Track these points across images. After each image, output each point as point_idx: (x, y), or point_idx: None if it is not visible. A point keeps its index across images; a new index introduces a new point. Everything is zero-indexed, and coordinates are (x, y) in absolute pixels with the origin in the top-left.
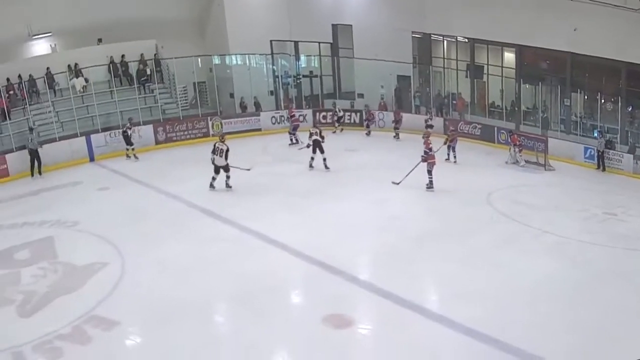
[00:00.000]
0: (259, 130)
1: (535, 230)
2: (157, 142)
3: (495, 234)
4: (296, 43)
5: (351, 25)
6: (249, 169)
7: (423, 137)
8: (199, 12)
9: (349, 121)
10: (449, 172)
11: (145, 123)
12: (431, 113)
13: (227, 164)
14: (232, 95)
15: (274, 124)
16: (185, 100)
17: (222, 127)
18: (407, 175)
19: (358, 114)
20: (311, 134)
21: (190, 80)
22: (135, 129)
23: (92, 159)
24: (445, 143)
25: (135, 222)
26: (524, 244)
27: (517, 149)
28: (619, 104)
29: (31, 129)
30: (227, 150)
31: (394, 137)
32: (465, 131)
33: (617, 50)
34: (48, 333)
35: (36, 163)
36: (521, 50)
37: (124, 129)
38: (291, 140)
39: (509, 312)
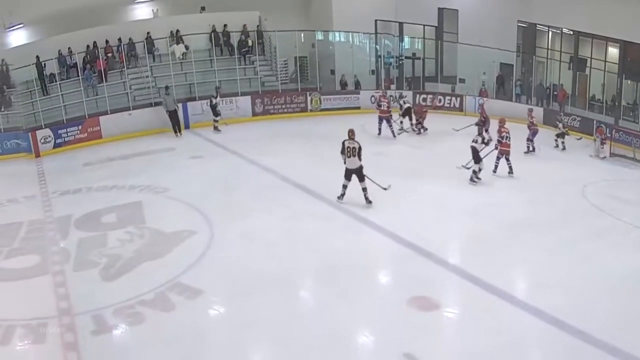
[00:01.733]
0: (358, 108)
1: (627, 225)
2: (254, 114)
3: (587, 227)
4: (401, 24)
5: (457, 10)
6: (386, 188)
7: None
8: None
9: (448, 105)
10: (545, 163)
11: (243, 94)
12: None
13: (362, 168)
14: (332, 72)
15: (372, 103)
16: (286, 74)
17: (320, 103)
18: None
19: (458, 98)
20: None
21: (291, 54)
22: (220, 99)
23: (187, 127)
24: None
25: (226, 193)
26: (614, 238)
27: (600, 142)
28: None
29: (167, 88)
30: (360, 149)
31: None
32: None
33: None
34: (130, 298)
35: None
36: (625, 46)
37: (210, 98)
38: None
39: (594, 304)
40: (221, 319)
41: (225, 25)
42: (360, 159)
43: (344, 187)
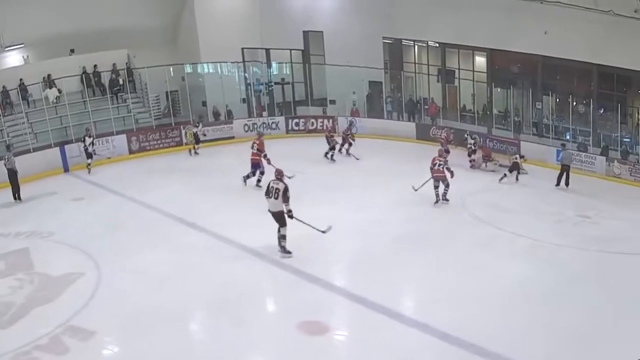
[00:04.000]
0: (232, 138)
1: (509, 234)
2: (131, 152)
3: (470, 239)
4: (267, 50)
5: (322, 32)
6: (324, 231)
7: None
8: (171, 20)
9: (321, 127)
10: (422, 177)
11: (118, 133)
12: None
13: (284, 212)
14: (204, 104)
15: (246, 131)
16: (158, 109)
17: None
18: (424, 184)
19: (330, 120)
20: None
21: (162, 89)
22: (87, 139)
23: (66, 170)
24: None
25: (111, 232)
26: (498, 248)
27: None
28: (591, 106)
29: (8, 147)
30: (286, 190)
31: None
32: (438, 135)
33: (588, 52)
34: (26, 344)
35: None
36: (492, 54)
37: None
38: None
39: (484, 316)
40: (116, 357)
41: (95, 66)
42: (285, 202)
43: (279, 232)
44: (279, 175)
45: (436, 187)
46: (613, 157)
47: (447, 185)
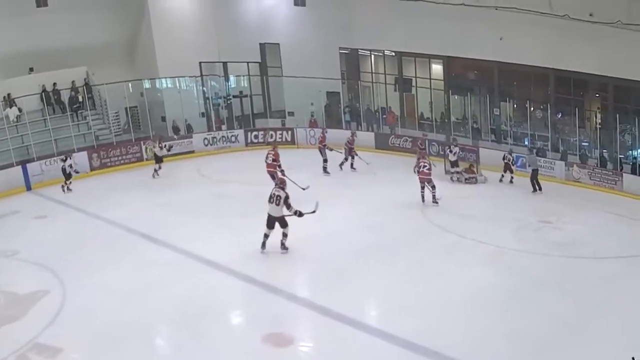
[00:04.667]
0: (192, 152)
1: (470, 241)
2: (92, 169)
3: (432, 247)
4: (225, 64)
5: (279, 44)
6: (314, 211)
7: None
8: (128, 37)
9: (280, 139)
10: (383, 186)
11: (79, 150)
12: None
13: (283, 216)
14: (163, 119)
15: (206, 145)
16: (118, 125)
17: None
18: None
19: (289, 131)
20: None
21: (122, 105)
22: (68, 160)
23: (29, 188)
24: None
25: (75, 249)
26: (460, 255)
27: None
28: (549, 111)
29: None
30: (287, 198)
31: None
32: (397, 145)
33: (544, 57)
34: None
35: None
36: (448, 62)
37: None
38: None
39: (447, 324)
40: None
41: (54, 84)
42: (288, 208)
43: (265, 236)
44: (282, 184)
45: (422, 189)
46: (572, 161)
47: (432, 187)
